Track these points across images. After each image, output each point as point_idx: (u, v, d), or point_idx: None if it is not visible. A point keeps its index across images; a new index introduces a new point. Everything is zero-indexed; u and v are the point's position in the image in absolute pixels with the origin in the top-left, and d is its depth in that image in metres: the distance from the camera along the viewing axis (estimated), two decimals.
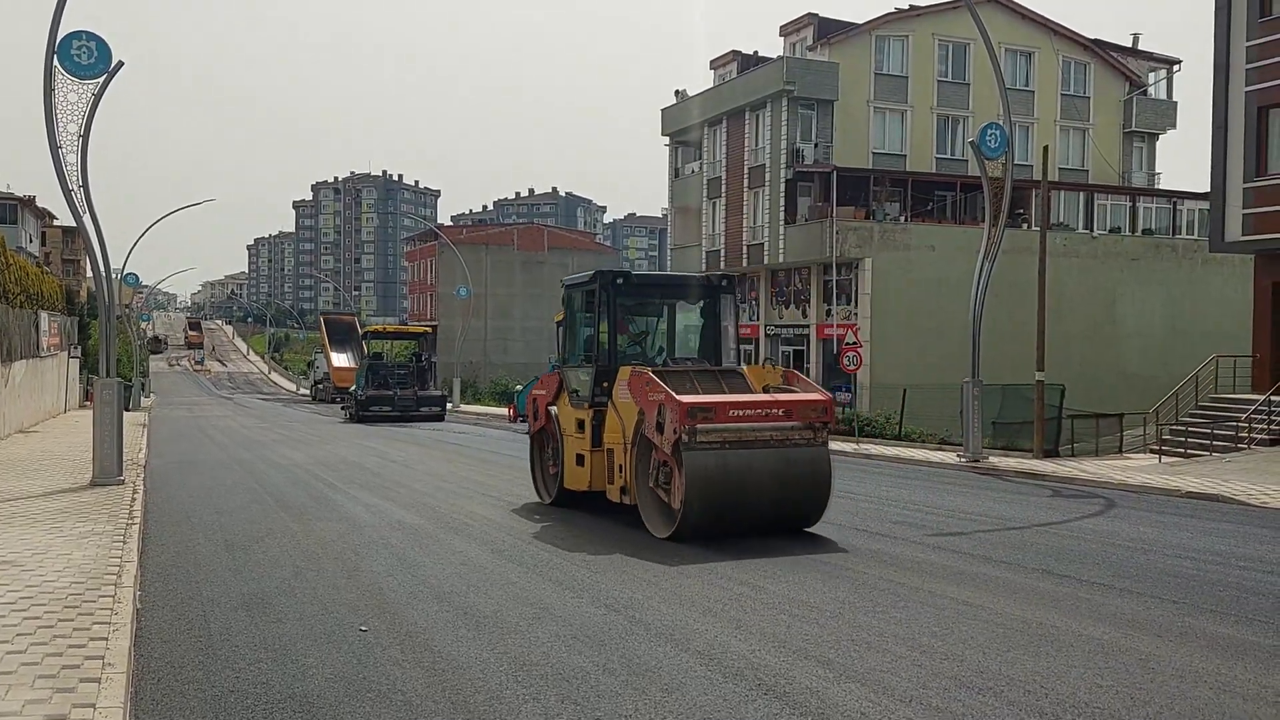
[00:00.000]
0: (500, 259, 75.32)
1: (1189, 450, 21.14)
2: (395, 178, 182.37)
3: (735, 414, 10.72)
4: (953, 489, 16.06)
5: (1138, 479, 16.64)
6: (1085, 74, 43.78)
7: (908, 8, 41.40)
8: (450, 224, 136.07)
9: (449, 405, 41.52)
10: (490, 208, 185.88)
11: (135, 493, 13.60)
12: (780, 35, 42.62)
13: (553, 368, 13.90)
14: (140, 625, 7.27)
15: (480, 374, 64.39)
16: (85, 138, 14.42)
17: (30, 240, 68.39)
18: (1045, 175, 23.14)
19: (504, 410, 37.09)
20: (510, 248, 77.70)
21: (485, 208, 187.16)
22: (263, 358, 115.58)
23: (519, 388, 27.24)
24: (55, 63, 14.14)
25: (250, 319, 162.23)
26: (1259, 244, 23.75)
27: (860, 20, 40.78)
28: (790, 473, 10.84)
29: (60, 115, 14.27)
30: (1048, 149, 25.27)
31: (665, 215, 67.63)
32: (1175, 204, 41.80)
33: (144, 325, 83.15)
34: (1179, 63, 46.12)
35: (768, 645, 6.79)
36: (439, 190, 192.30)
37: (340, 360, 59.41)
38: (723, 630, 7.16)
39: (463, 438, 28.11)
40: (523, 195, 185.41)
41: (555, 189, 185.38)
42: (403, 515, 12.74)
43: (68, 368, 35.51)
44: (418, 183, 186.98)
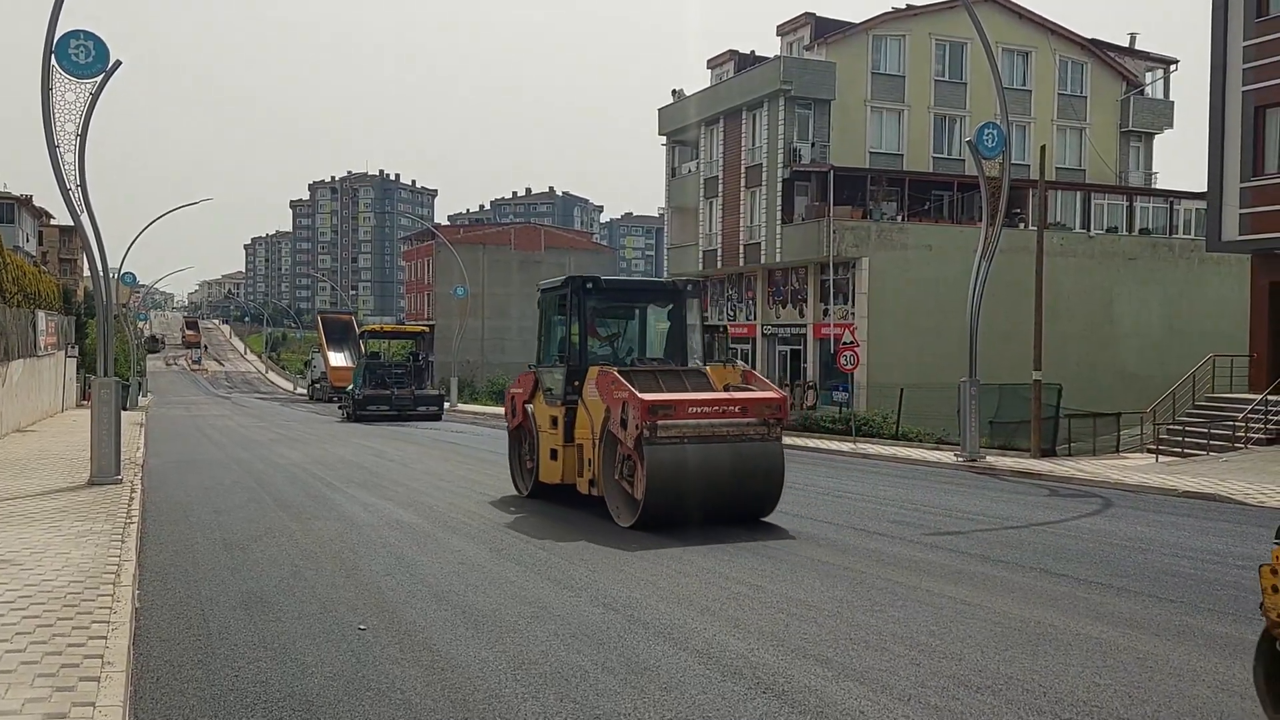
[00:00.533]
0: (497, 259, 75.36)
1: (1186, 450, 21.17)
2: (392, 177, 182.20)
3: (694, 411, 11.40)
4: (950, 488, 16.08)
5: (1135, 478, 16.66)
6: (1082, 73, 43.81)
7: (905, 7, 41.42)
8: (447, 224, 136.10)
9: (446, 405, 41.50)
10: (487, 207, 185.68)
11: (133, 492, 13.59)
12: (777, 35, 42.65)
13: (529, 368, 14.71)
14: (139, 624, 7.27)
15: (477, 373, 64.36)
16: (83, 137, 14.40)
17: (27, 239, 68.27)
18: (1042, 175, 23.17)
19: (501, 410, 37.02)
20: (507, 247, 77.78)
21: (482, 207, 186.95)
22: (260, 357, 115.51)
23: None
24: (53, 62, 14.12)
25: (247, 318, 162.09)
26: (1256, 243, 23.77)
27: (857, 20, 40.82)
28: (745, 466, 11.53)
29: (58, 114, 14.25)
30: (1045, 148, 25.30)
31: (662, 215, 67.71)
32: (1172, 204, 41.86)
33: (141, 325, 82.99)
34: (1176, 62, 46.19)
35: (766, 644, 6.80)
36: (436, 190, 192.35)
37: (338, 360, 59.33)
38: (721, 629, 7.17)
39: (460, 437, 28.11)
40: (520, 195, 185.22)
41: (552, 188, 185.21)
42: (401, 514, 12.74)
43: (65, 367, 35.47)
44: (415, 182, 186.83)
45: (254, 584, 8.69)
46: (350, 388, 39.62)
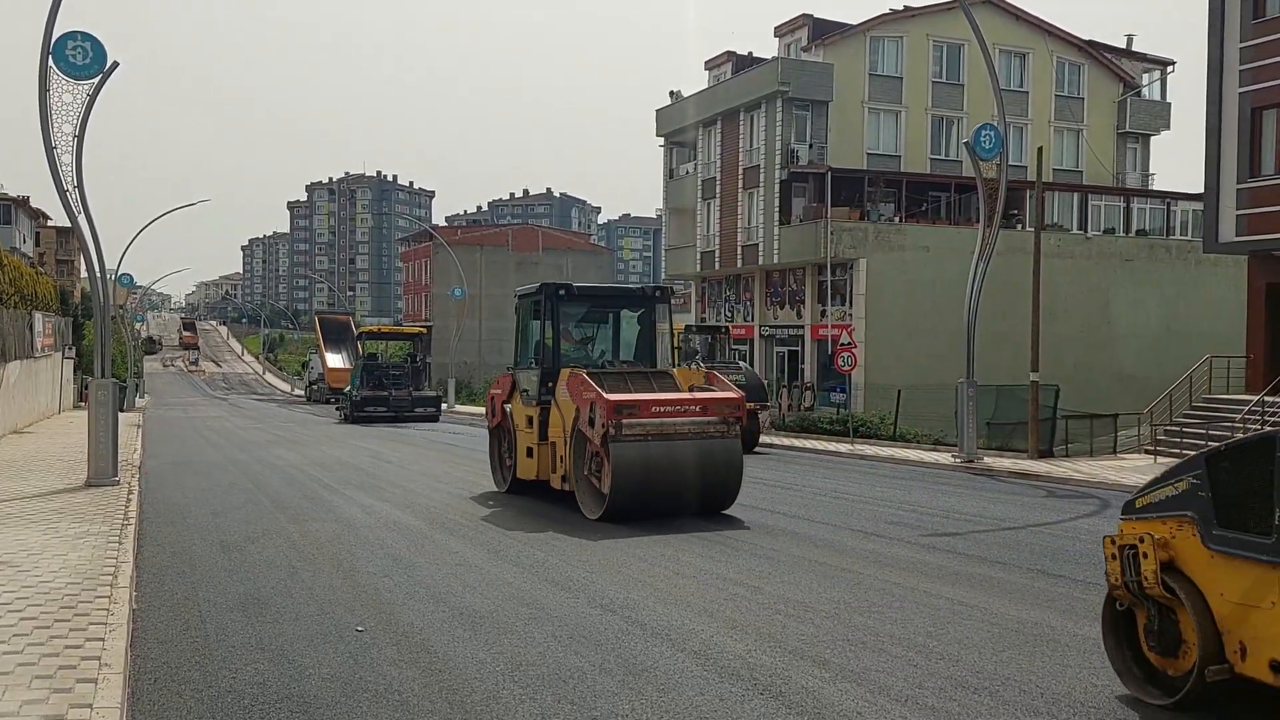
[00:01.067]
0: (495, 260, 75.31)
1: (1183, 451, 21.13)
2: (390, 178, 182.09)
3: (657, 410, 12.07)
4: (947, 489, 16.10)
5: (1132, 479, 16.67)
6: (1079, 75, 43.85)
7: (902, 8, 41.45)
8: (445, 225, 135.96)
9: (444, 406, 41.48)
10: (485, 208, 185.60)
11: (130, 493, 13.57)
12: (775, 36, 42.65)
13: (507, 370, 15.40)
14: (137, 626, 7.26)
15: (475, 375, 64.34)
16: (80, 138, 14.39)
17: (24, 240, 68.14)
18: (1040, 176, 23.21)
19: None
20: (505, 249, 77.75)
21: (480, 208, 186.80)
22: (257, 358, 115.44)
23: None
24: (50, 63, 14.11)
25: (245, 319, 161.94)
26: (1253, 245, 23.80)
27: (855, 21, 40.82)
28: (706, 462, 12.19)
29: (55, 115, 14.24)
30: (1042, 150, 25.32)
31: (660, 216, 67.68)
32: (1169, 205, 41.89)
33: (138, 326, 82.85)
34: (1173, 64, 46.29)
35: (764, 645, 6.80)
36: (434, 191, 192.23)
37: (335, 361, 59.30)
38: (719, 630, 7.18)
39: (457, 438, 28.09)
40: (518, 196, 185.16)
41: (550, 189, 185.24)
42: (398, 516, 12.74)
43: (62, 368, 35.44)
44: (412, 183, 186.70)
45: (251, 585, 8.69)
46: (348, 389, 39.59)
